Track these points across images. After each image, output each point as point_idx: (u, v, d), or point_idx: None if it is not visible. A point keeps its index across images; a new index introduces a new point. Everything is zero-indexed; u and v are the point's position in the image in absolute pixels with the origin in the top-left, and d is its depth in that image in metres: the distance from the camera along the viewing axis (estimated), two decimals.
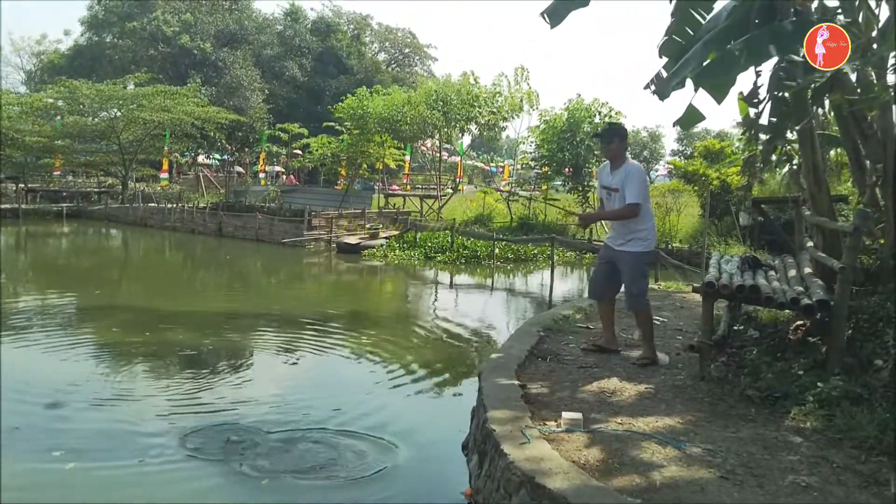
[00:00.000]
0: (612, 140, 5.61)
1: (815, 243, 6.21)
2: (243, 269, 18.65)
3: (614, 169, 5.62)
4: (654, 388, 4.93)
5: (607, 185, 5.70)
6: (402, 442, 5.44)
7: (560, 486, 3.25)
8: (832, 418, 4.04)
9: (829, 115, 7.42)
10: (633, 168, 5.59)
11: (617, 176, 5.57)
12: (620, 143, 5.63)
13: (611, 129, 5.73)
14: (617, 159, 5.62)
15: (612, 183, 5.61)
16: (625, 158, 5.65)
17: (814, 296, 4.72)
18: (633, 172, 5.53)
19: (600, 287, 5.91)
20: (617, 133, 5.66)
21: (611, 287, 5.84)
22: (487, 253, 18.31)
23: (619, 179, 5.54)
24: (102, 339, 9.11)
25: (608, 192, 5.70)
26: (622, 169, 5.55)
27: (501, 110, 26.22)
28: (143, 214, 28.76)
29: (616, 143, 5.61)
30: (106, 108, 33.30)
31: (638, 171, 5.60)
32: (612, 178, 5.63)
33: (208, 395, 6.58)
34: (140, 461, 4.98)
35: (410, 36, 61.66)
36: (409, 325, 11.02)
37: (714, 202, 15.87)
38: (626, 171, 5.53)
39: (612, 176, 5.64)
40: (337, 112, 27.46)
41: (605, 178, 5.78)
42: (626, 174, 5.51)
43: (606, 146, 5.68)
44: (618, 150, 5.61)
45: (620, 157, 5.63)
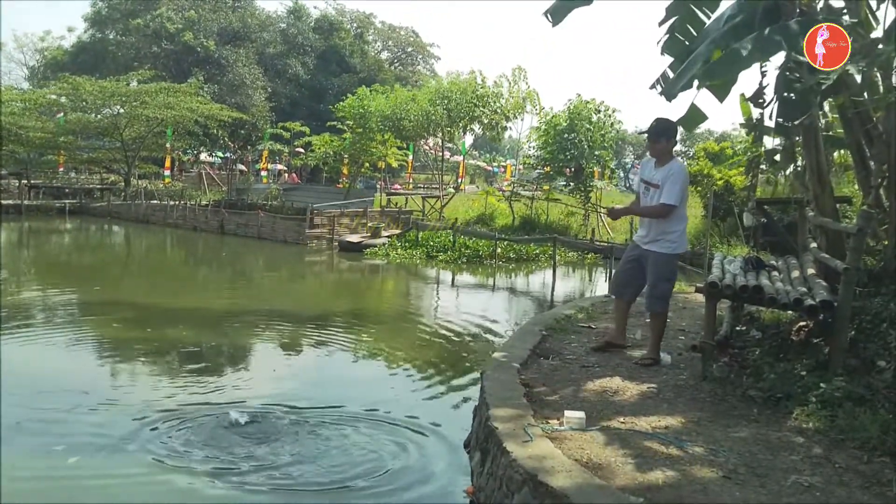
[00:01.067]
0: (660, 139, 5.52)
1: (819, 244, 6.21)
2: (245, 267, 18.67)
3: (659, 165, 5.55)
4: (657, 388, 4.93)
5: (648, 179, 5.61)
6: (402, 438, 5.44)
7: (562, 485, 3.25)
8: (835, 419, 4.04)
9: (833, 116, 7.43)
10: (678, 168, 5.51)
11: (660, 172, 5.48)
12: (668, 141, 5.53)
13: (658, 126, 5.58)
14: (663, 156, 5.54)
15: (654, 178, 5.53)
16: (672, 156, 5.58)
17: (817, 296, 4.71)
18: (678, 172, 5.45)
19: (623, 285, 5.87)
20: (665, 132, 5.53)
21: (633, 286, 5.77)
22: (489, 252, 18.30)
23: (661, 176, 5.46)
24: (104, 335, 9.12)
25: (647, 186, 5.60)
26: (667, 166, 5.47)
27: (504, 110, 26.19)
28: (146, 211, 28.77)
29: (663, 142, 5.52)
30: (109, 104, 33.35)
31: (682, 172, 5.51)
32: (654, 173, 5.55)
33: (204, 391, 6.58)
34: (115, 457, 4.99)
35: (413, 35, 61.72)
36: (411, 324, 11.03)
37: (717, 203, 15.86)
38: (671, 169, 5.45)
39: (655, 171, 5.55)
40: (338, 112, 27.47)
41: (647, 172, 5.68)
42: (669, 172, 5.43)
43: (654, 144, 5.58)
44: (665, 148, 5.53)
45: (667, 154, 5.55)
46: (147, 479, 4.70)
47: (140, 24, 43.36)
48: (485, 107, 25.74)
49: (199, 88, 35.22)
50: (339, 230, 21.61)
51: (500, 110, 26.15)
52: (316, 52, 49.99)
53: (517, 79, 25.98)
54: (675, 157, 5.63)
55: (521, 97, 26.05)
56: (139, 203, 29.79)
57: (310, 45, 49.76)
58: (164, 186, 34.13)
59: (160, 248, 22.93)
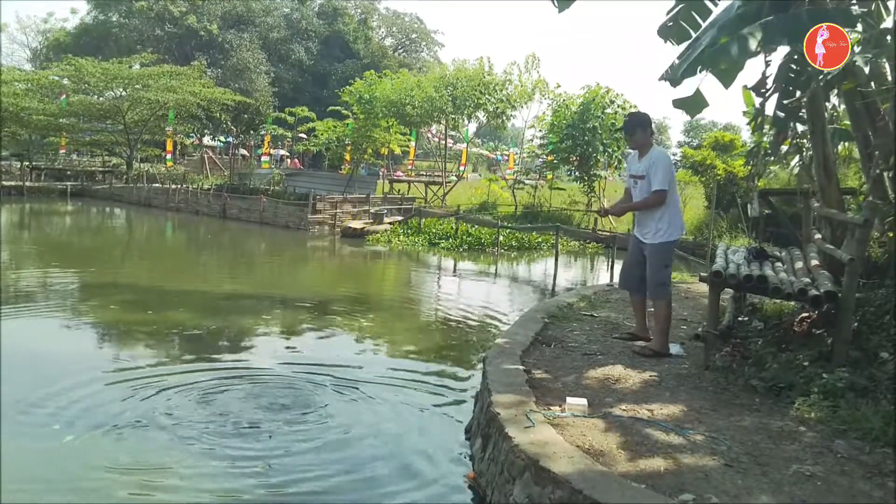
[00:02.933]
0: (635, 131, 5.54)
1: (824, 236, 6.19)
2: (247, 252, 18.67)
3: (641, 156, 5.56)
4: (659, 377, 4.93)
5: (634, 172, 5.65)
6: (403, 424, 5.46)
7: (564, 470, 3.25)
8: (837, 409, 4.03)
9: (839, 108, 7.40)
10: (658, 154, 5.52)
11: (643, 163, 5.51)
12: (644, 131, 5.54)
13: (631, 119, 5.64)
14: (644, 147, 5.55)
15: (639, 170, 5.55)
16: (651, 145, 5.58)
17: (821, 287, 4.70)
18: (659, 159, 5.46)
19: (629, 278, 5.88)
20: (638, 123, 5.57)
21: (639, 278, 5.75)
22: (491, 240, 18.30)
23: (645, 166, 5.48)
24: (104, 317, 9.13)
25: (634, 180, 5.64)
26: (647, 155, 5.49)
27: (511, 98, 26.06)
28: (148, 195, 28.78)
29: (639, 132, 5.53)
30: (111, 87, 33.25)
31: (663, 158, 5.52)
32: (638, 166, 5.58)
33: (203, 370, 6.58)
34: (117, 429, 5.00)
35: (417, 21, 61.41)
36: (413, 310, 11.04)
37: (720, 193, 15.84)
38: (651, 157, 5.47)
39: (638, 163, 5.58)
40: (344, 95, 27.36)
41: (632, 166, 5.73)
42: (650, 161, 5.45)
43: (630, 137, 5.62)
44: (642, 140, 5.54)
45: (647, 145, 5.55)
46: (137, 457, 4.71)
47: (143, 7, 43.21)
48: (491, 94, 25.62)
49: (203, 72, 35.10)
50: (342, 216, 21.60)
51: (507, 98, 26.03)
52: (319, 37, 49.79)
53: (529, 67, 25.84)
54: (654, 146, 5.63)
55: (530, 85, 25.90)
56: (141, 186, 29.81)
57: (313, 30, 49.56)
58: (165, 170, 34.11)
59: (161, 232, 22.93)
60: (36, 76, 35.04)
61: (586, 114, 21.24)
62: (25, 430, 5.08)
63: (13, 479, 4.29)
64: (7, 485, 4.19)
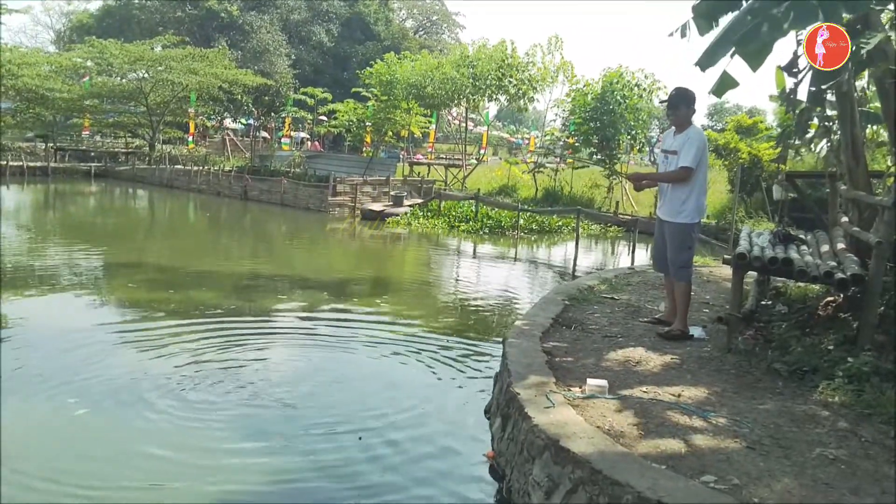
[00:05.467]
0: (679, 106, 5.49)
1: (851, 219, 6.08)
2: (268, 233, 18.77)
3: (678, 133, 5.53)
4: (680, 359, 4.90)
5: (667, 148, 5.61)
6: (424, 403, 5.48)
7: (584, 450, 3.24)
8: (861, 393, 3.98)
9: (867, 90, 7.24)
10: (694, 132, 5.48)
11: (678, 139, 5.48)
12: (687, 109, 5.51)
13: (677, 94, 5.56)
14: (683, 125, 5.51)
15: (673, 146, 5.52)
16: (691, 124, 5.54)
17: (848, 270, 4.63)
18: (693, 136, 5.42)
19: (660, 260, 5.83)
20: (684, 99, 5.51)
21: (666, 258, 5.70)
22: (511, 224, 18.24)
23: (679, 142, 5.45)
24: (127, 296, 9.24)
25: (666, 155, 5.60)
26: (685, 133, 5.46)
27: (534, 80, 25.80)
28: (170, 176, 28.99)
29: (683, 109, 5.49)
30: (134, 68, 33.46)
31: (698, 136, 5.47)
32: (673, 142, 5.55)
33: (224, 350, 6.64)
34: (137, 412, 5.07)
35: (439, 3, 61.03)
36: (433, 292, 11.04)
37: (744, 177, 15.64)
38: (688, 134, 5.44)
39: (674, 140, 5.55)
40: (364, 77, 27.29)
41: (667, 142, 5.70)
42: (686, 137, 5.42)
43: (674, 112, 5.55)
44: (685, 117, 5.50)
45: (687, 122, 5.51)
46: (151, 435, 4.77)
47: None
48: (513, 76, 25.39)
49: (225, 54, 35.18)
50: (362, 199, 21.63)
51: (529, 80, 25.79)
52: (340, 19, 49.66)
53: (552, 48, 25.56)
54: (693, 125, 5.56)
55: (553, 67, 25.65)
56: (163, 168, 30.01)
57: (334, 11, 49.42)
58: (187, 152, 34.32)
59: (184, 213, 23.11)
60: (60, 58, 35.32)
61: (607, 96, 21.03)
62: (42, 403, 5.18)
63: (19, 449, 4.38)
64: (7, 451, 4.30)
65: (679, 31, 5.77)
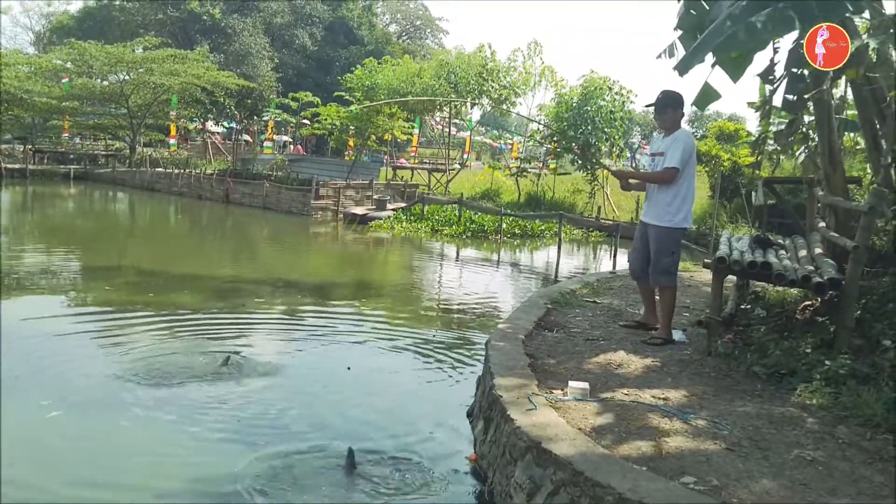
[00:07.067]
0: (666, 110, 5.49)
1: (828, 224, 6.18)
2: (250, 236, 18.68)
3: (666, 136, 5.54)
4: (661, 362, 4.94)
5: (655, 150, 5.64)
6: (405, 407, 5.48)
7: (566, 452, 3.26)
8: (839, 396, 4.04)
9: (845, 98, 7.36)
10: (682, 134, 5.48)
11: (666, 141, 5.49)
12: (674, 111, 5.49)
13: (664, 97, 5.53)
14: (672, 127, 5.51)
15: (660, 148, 5.53)
16: (679, 127, 5.55)
17: (825, 274, 4.70)
18: (681, 138, 5.42)
19: (637, 265, 5.81)
20: (671, 102, 5.49)
21: (647, 264, 5.68)
22: (494, 228, 18.29)
23: (666, 144, 5.46)
24: (105, 298, 9.15)
25: (653, 157, 5.62)
26: (673, 135, 5.47)
27: (515, 84, 25.96)
28: (151, 179, 28.77)
29: (670, 112, 5.48)
30: (115, 70, 33.19)
31: (686, 138, 5.46)
32: (660, 145, 5.56)
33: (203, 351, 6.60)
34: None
35: (423, 8, 61.16)
36: (416, 295, 11.04)
37: (724, 183, 15.81)
38: (675, 136, 5.45)
39: (661, 142, 5.56)
40: (346, 83, 27.28)
41: (655, 145, 5.72)
42: (673, 139, 5.43)
43: (660, 115, 5.54)
44: (672, 120, 5.49)
45: (675, 125, 5.52)
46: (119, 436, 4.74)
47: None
48: (494, 81, 25.52)
49: (206, 56, 34.98)
50: (345, 202, 21.59)
51: (510, 85, 25.93)
52: (324, 23, 49.56)
53: (532, 53, 25.76)
54: (681, 127, 5.59)
55: (534, 72, 25.85)
56: (144, 170, 29.79)
57: (317, 15, 49.31)
58: (169, 154, 34.07)
59: (164, 216, 22.94)
60: (39, 59, 34.97)
61: (587, 102, 21.20)
62: (15, 405, 5.12)
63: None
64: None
65: (666, 53, 5.84)
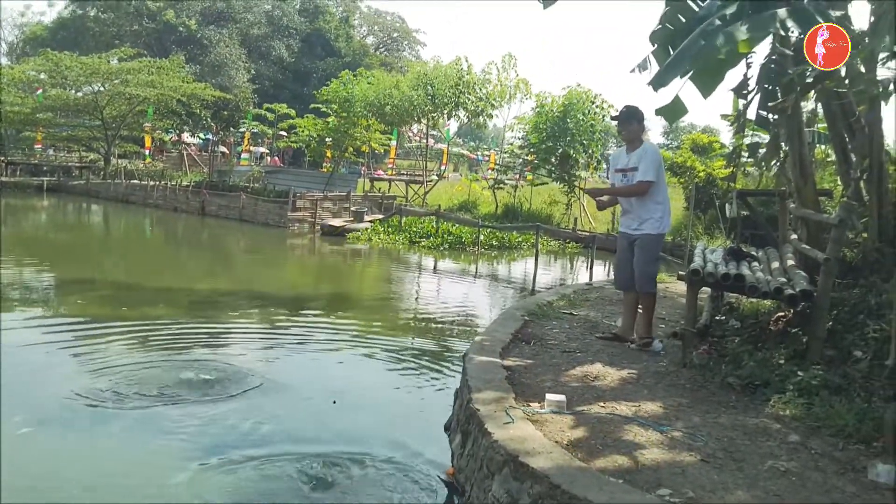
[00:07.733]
0: (631, 122, 5.64)
1: (800, 236, 6.26)
2: (226, 249, 18.53)
3: (631, 151, 5.65)
4: (637, 374, 4.96)
5: (623, 167, 5.71)
6: (382, 421, 5.45)
7: (543, 465, 3.26)
8: (811, 407, 4.08)
9: (816, 111, 7.49)
10: (649, 147, 5.66)
11: (634, 156, 5.60)
12: (639, 125, 5.67)
13: (629, 111, 5.70)
14: (635, 142, 5.65)
15: (629, 163, 5.63)
16: (642, 141, 5.69)
17: (797, 286, 4.76)
18: (650, 152, 5.58)
19: (623, 276, 5.88)
20: (635, 115, 5.67)
21: (633, 274, 5.74)
22: (472, 239, 18.33)
23: (635, 159, 5.57)
24: (78, 312, 9.01)
25: (624, 173, 5.69)
26: (639, 149, 5.59)
27: (491, 96, 26.13)
28: (125, 191, 28.48)
29: (634, 125, 5.64)
30: (90, 82, 32.88)
31: (654, 150, 5.66)
32: (628, 159, 5.66)
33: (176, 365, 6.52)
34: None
35: (399, 20, 61.35)
36: (393, 307, 11.02)
37: (699, 195, 15.97)
38: (643, 149, 5.59)
39: (628, 157, 5.66)
40: (322, 96, 27.26)
41: (620, 162, 5.78)
42: (642, 153, 5.55)
43: (625, 128, 5.69)
44: (636, 132, 5.65)
45: (638, 139, 5.66)
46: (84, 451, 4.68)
47: (121, 1, 42.68)
48: (471, 93, 25.65)
49: (181, 66, 34.77)
50: (322, 214, 21.51)
51: (486, 97, 26.09)
52: (301, 34, 49.55)
53: (507, 66, 25.94)
54: (645, 141, 5.72)
55: (510, 85, 26.01)
56: (119, 182, 29.48)
57: (294, 27, 49.30)
58: (144, 166, 33.76)
59: (139, 228, 22.70)
60: (12, 70, 34.54)
61: (568, 114, 21.34)
62: None
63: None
64: None
65: (639, 67, 5.91)
